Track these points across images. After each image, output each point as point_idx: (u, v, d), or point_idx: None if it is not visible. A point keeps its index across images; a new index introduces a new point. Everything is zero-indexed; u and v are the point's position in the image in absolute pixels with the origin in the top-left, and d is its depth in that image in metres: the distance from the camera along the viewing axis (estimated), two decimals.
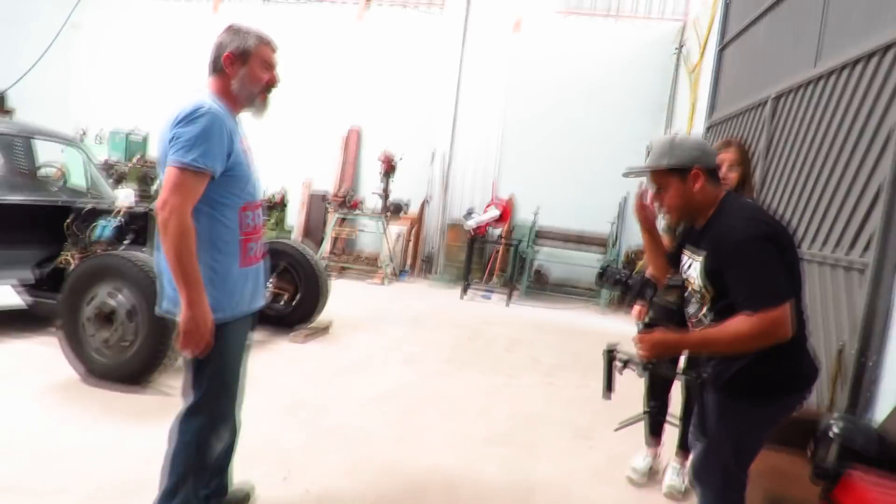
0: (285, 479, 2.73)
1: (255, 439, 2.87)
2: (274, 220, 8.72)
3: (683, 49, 8.87)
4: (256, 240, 2.14)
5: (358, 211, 8.93)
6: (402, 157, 9.09)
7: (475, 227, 8.46)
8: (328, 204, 9.28)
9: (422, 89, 10.07)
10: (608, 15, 9.72)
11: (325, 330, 5.42)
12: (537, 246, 8.83)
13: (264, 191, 2.29)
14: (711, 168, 1.89)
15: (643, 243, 2.24)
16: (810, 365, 1.86)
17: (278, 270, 5.18)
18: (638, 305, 3.03)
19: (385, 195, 8.85)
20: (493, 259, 9.47)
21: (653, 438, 3.25)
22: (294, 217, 10.15)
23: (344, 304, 6.43)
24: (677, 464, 3.06)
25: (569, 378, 4.84)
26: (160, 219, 1.85)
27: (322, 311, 5.34)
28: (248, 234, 2.09)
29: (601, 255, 8.71)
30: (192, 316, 1.87)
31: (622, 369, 1.95)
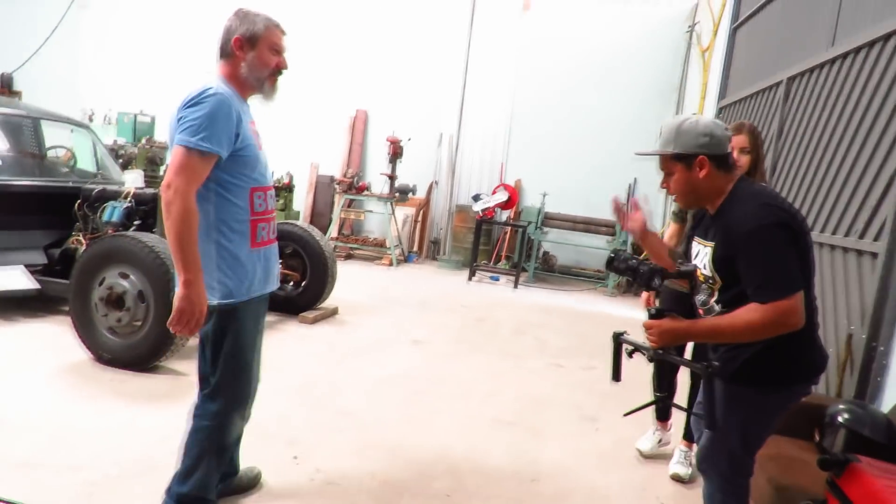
0: (295, 458, 2.77)
1: (266, 420, 2.91)
2: (281, 203, 8.72)
3: (696, 29, 8.71)
4: (267, 222, 2.15)
5: (366, 193, 8.92)
6: (410, 139, 9.05)
7: (483, 211, 8.44)
8: (336, 186, 9.27)
9: (429, 71, 9.97)
10: None
11: (334, 312, 5.45)
12: (545, 229, 8.80)
13: (272, 172, 2.30)
14: (720, 155, 1.82)
15: (645, 250, 2.20)
16: (819, 353, 1.86)
17: (286, 253, 5.20)
18: (646, 293, 3.02)
19: (392, 178, 8.84)
20: (501, 242, 9.46)
21: (661, 423, 3.29)
22: (301, 200, 10.15)
23: (352, 286, 6.46)
24: (684, 448, 3.08)
25: (576, 361, 4.86)
26: (164, 199, 1.87)
27: (330, 294, 5.36)
28: (259, 216, 2.10)
29: (609, 238, 8.67)
30: (188, 295, 1.88)
31: (631, 354, 1.95)
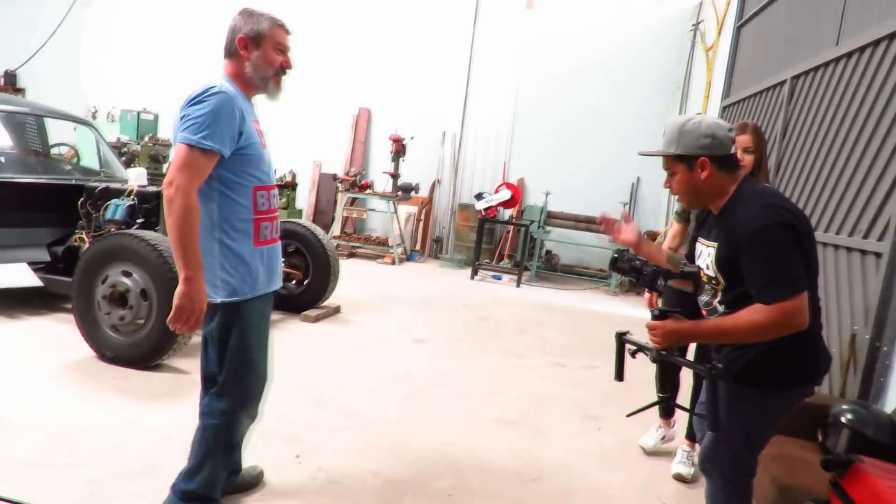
0: (297, 457, 2.78)
1: (268, 418, 2.90)
2: (284, 200, 8.73)
3: (700, 26, 8.68)
4: (270, 221, 2.15)
5: (368, 192, 8.92)
6: (413, 137, 9.04)
7: (485, 209, 8.44)
8: (338, 184, 9.27)
9: (433, 69, 9.95)
10: None
11: (336, 311, 5.45)
12: (548, 228, 8.79)
13: (275, 170, 2.30)
14: (723, 156, 1.81)
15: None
16: (823, 354, 1.85)
17: (289, 252, 5.20)
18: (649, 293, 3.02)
19: (395, 176, 8.83)
20: (503, 241, 9.45)
21: (664, 420, 3.31)
22: (304, 198, 10.16)
23: (354, 285, 6.47)
24: (686, 448, 3.08)
25: (578, 360, 4.86)
26: (166, 196, 1.87)
27: (332, 293, 5.36)
28: (262, 215, 2.10)
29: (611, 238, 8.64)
30: (188, 292, 1.89)
31: (634, 354, 1.94)
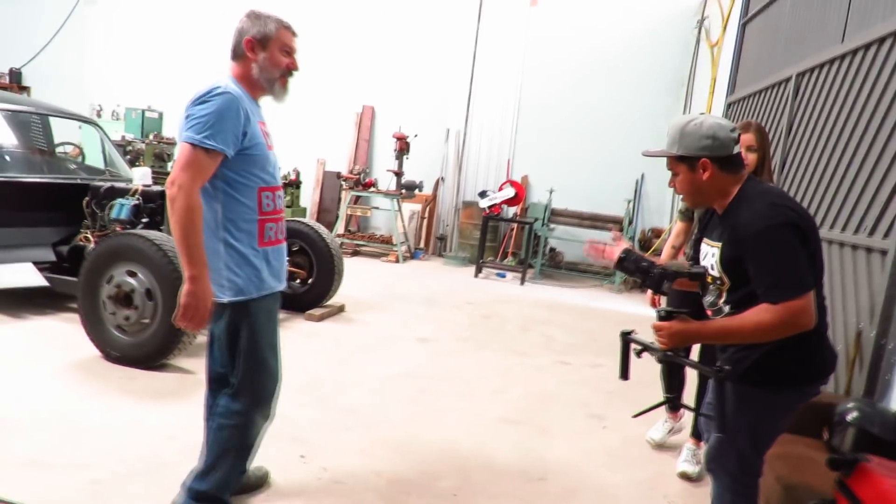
0: (302, 456, 2.78)
1: (273, 417, 2.91)
2: (288, 199, 8.74)
3: (705, 23, 8.64)
4: (275, 222, 2.15)
5: (372, 190, 8.92)
6: (416, 135, 9.04)
7: (489, 207, 8.43)
8: (342, 182, 9.28)
9: (436, 67, 9.94)
10: None
11: (340, 309, 5.46)
12: (552, 225, 8.78)
13: (279, 168, 2.30)
14: (725, 156, 1.80)
15: None
16: (829, 353, 1.85)
17: (293, 251, 5.21)
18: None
19: (399, 174, 8.83)
20: (507, 239, 9.45)
21: (671, 414, 3.33)
22: (308, 196, 10.16)
23: (358, 283, 6.47)
24: (692, 446, 3.07)
25: (583, 358, 4.85)
26: (169, 195, 1.88)
27: (336, 291, 5.37)
28: (267, 216, 2.10)
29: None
30: (193, 291, 1.89)
31: (639, 354, 1.94)
